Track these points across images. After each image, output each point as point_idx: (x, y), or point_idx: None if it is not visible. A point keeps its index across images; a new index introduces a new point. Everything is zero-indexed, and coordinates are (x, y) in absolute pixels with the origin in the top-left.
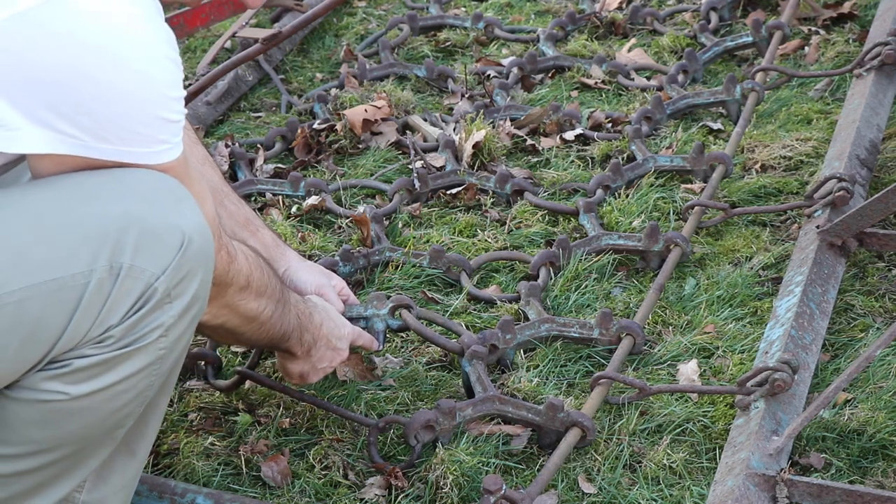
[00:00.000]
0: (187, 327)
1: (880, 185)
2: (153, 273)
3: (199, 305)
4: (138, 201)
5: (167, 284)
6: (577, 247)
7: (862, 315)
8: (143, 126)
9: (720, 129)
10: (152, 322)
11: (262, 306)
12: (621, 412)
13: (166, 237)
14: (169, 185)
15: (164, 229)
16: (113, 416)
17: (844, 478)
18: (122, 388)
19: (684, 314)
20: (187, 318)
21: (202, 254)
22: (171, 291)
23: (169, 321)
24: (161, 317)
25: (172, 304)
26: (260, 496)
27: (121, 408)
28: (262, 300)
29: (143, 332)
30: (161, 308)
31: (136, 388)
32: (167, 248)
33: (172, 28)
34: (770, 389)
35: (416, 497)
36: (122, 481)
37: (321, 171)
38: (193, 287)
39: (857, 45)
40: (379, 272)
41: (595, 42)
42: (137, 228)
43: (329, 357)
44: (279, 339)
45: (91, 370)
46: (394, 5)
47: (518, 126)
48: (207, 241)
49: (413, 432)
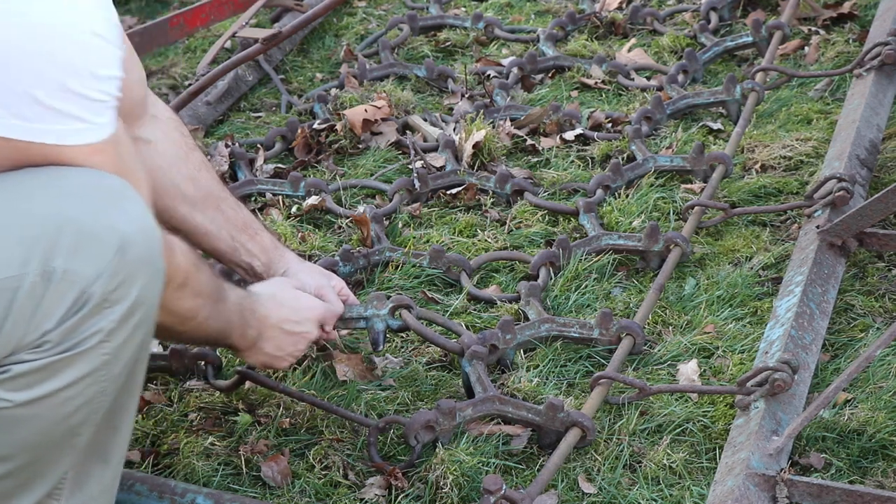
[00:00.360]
0: (132, 332)
1: (880, 185)
2: (88, 277)
3: (144, 310)
4: (75, 203)
5: (103, 289)
6: (577, 247)
7: (862, 315)
8: (57, 102)
9: (720, 129)
10: (91, 327)
11: (199, 305)
12: (621, 412)
13: (103, 240)
14: (111, 186)
15: (101, 232)
16: (64, 422)
17: (844, 478)
18: (68, 395)
19: (684, 314)
20: (130, 322)
21: (144, 256)
22: (108, 296)
23: (109, 326)
24: (100, 322)
25: (112, 308)
26: (260, 496)
27: (71, 414)
28: (200, 299)
29: (82, 336)
30: (100, 313)
31: (84, 395)
32: (103, 252)
33: (172, 28)
34: (770, 389)
35: (416, 497)
36: (98, 489)
37: (321, 171)
38: (134, 291)
39: (857, 45)
40: (379, 272)
41: (595, 42)
42: (72, 231)
43: (290, 343)
44: (217, 336)
45: (31, 376)
46: (394, 5)
47: (518, 126)
48: (150, 243)
49: (413, 432)
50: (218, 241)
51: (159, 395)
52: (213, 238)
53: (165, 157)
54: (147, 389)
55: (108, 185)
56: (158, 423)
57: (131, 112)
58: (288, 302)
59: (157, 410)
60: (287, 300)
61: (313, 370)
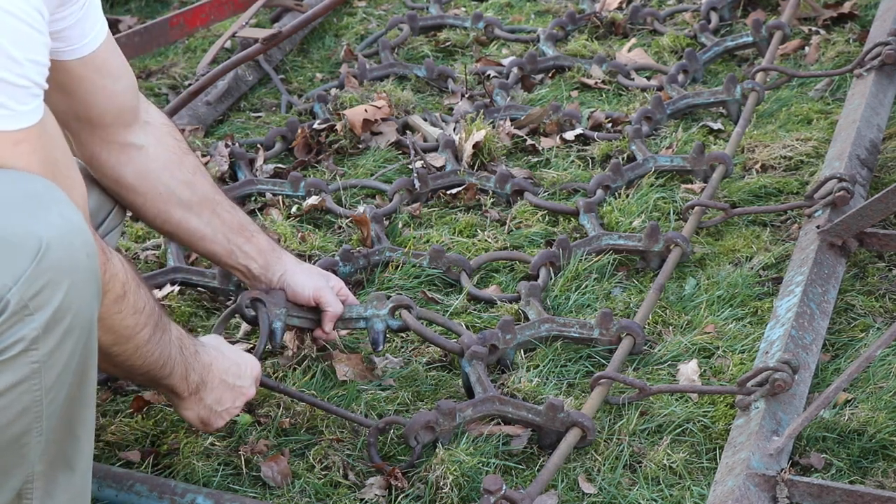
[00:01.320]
0: (62, 339)
1: (880, 185)
2: (4, 283)
3: (72, 317)
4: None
5: (21, 295)
6: (577, 247)
7: (862, 315)
8: None
9: (720, 129)
10: (12, 335)
11: (139, 324)
12: (621, 412)
13: (19, 244)
14: (34, 189)
15: (19, 237)
16: (4, 432)
17: (845, 478)
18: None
19: (684, 314)
20: (58, 330)
21: (66, 262)
22: (28, 303)
23: (32, 333)
24: (21, 329)
25: (33, 316)
26: (260, 496)
27: (8, 424)
28: (140, 317)
29: (2, 345)
30: (21, 321)
31: (19, 404)
32: (20, 256)
33: (172, 28)
34: (770, 389)
35: (416, 497)
36: (67, 496)
37: (321, 171)
38: (57, 298)
39: (857, 45)
40: (379, 272)
41: (595, 42)
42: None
43: (230, 398)
44: (158, 369)
45: None
46: (394, 5)
47: (518, 126)
48: (73, 248)
49: (413, 433)
50: (214, 245)
51: (159, 395)
52: (209, 241)
53: (158, 161)
54: (147, 389)
55: (30, 189)
56: (158, 423)
57: (120, 118)
58: (230, 354)
59: (157, 410)
60: (229, 352)
61: (313, 370)
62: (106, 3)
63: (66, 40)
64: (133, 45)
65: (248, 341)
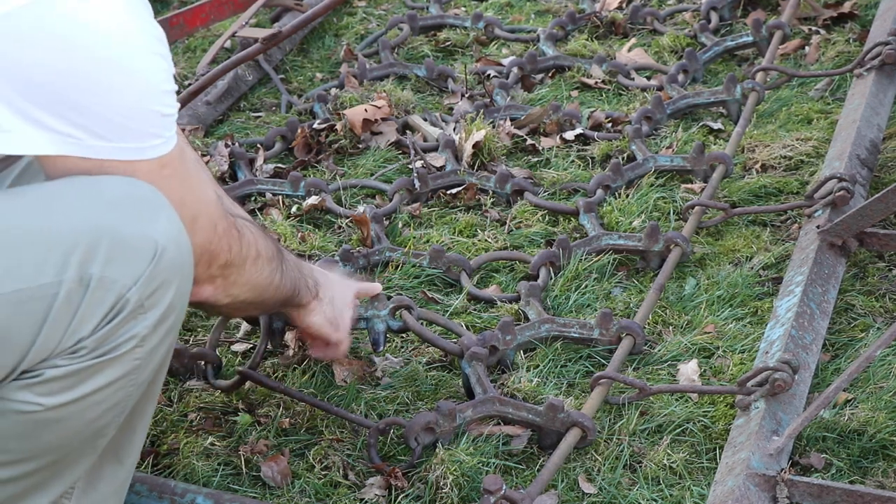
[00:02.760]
0: (164, 337)
1: (881, 185)
2: (124, 284)
3: (174, 316)
4: (109, 211)
5: (139, 295)
6: (577, 247)
7: (862, 315)
8: (136, 122)
9: (720, 129)
10: (126, 333)
11: (273, 270)
12: (621, 412)
13: (138, 247)
14: (144, 194)
15: (136, 239)
16: (90, 426)
17: (845, 478)
18: (97, 399)
19: (684, 314)
20: (163, 328)
21: (177, 263)
22: (144, 302)
23: (143, 332)
24: (135, 327)
25: (146, 314)
26: (260, 496)
27: (98, 418)
28: (273, 264)
29: (117, 342)
30: (135, 319)
31: (112, 399)
32: (139, 259)
33: (172, 28)
34: (770, 389)
35: (416, 497)
36: (110, 489)
37: (321, 171)
38: (168, 297)
39: (857, 45)
40: (379, 272)
41: (595, 42)
42: (108, 238)
43: (341, 293)
44: (291, 293)
45: (64, 381)
46: (394, 5)
47: (518, 126)
48: (183, 250)
49: (413, 434)
50: None
51: (159, 394)
52: None
53: None
54: None
55: (141, 193)
56: (158, 423)
57: None
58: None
59: (157, 410)
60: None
61: (313, 370)
62: None
63: None
64: None
65: (249, 341)
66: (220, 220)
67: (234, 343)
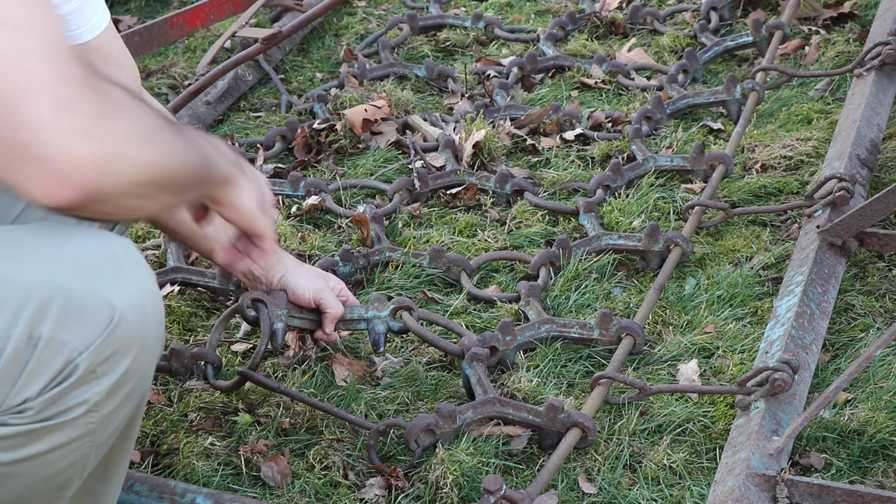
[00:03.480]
0: (122, 403)
1: (880, 185)
2: (74, 347)
3: (133, 382)
4: (69, 269)
5: (91, 361)
6: (577, 247)
7: (862, 315)
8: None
9: (720, 129)
10: (75, 398)
11: (171, 135)
12: (621, 412)
13: (94, 311)
14: (113, 252)
15: (93, 302)
16: (48, 482)
17: (845, 478)
18: (51, 458)
19: (684, 314)
20: (119, 394)
21: (137, 332)
22: (96, 368)
23: (95, 398)
24: (85, 393)
25: (99, 380)
26: (260, 496)
27: (56, 475)
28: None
29: (65, 406)
30: (86, 384)
31: (69, 458)
32: (93, 323)
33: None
34: (770, 389)
35: (416, 497)
36: None
37: (321, 171)
38: (124, 364)
39: (857, 45)
40: (379, 272)
41: (595, 42)
42: (62, 299)
43: (258, 177)
44: (204, 166)
45: (14, 439)
46: (394, 5)
47: (518, 126)
48: (146, 316)
49: (413, 436)
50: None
51: (159, 395)
52: (210, 240)
53: None
54: None
55: (109, 251)
56: (158, 423)
57: None
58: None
59: (157, 410)
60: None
61: (313, 370)
62: (106, 2)
63: (68, 24)
64: (133, 45)
65: (249, 341)
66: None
67: (234, 343)
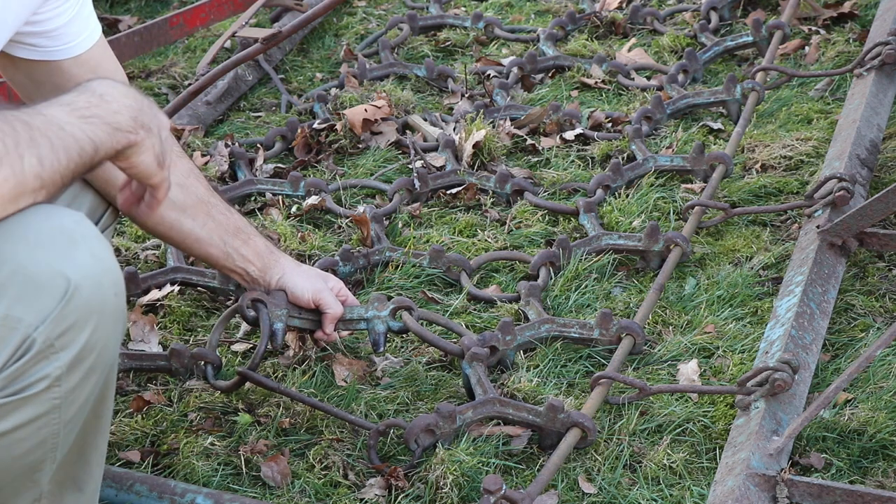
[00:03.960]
0: (85, 376)
1: (880, 185)
2: (30, 323)
3: (95, 355)
4: (22, 246)
5: (47, 335)
6: (577, 247)
7: (862, 315)
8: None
9: (720, 129)
10: (36, 373)
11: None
12: (621, 412)
13: (47, 284)
14: (64, 225)
15: (46, 276)
16: (18, 461)
17: (845, 478)
18: (18, 436)
19: (684, 314)
20: (81, 368)
21: (93, 303)
22: (53, 342)
23: (56, 372)
24: (45, 368)
25: (58, 354)
26: (260, 496)
27: (25, 454)
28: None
29: (27, 382)
30: (46, 359)
31: (36, 437)
32: (48, 296)
33: (172, 28)
34: (770, 389)
35: (416, 497)
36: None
37: (321, 171)
38: (83, 337)
39: (857, 45)
40: (379, 272)
41: (595, 42)
42: (19, 276)
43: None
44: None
45: None
46: (394, 5)
47: (518, 126)
48: (102, 287)
49: (413, 437)
50: (210, 248)
51: (159, 395)
52: (204, 244)
53: None
54: (147, 389)
55: (61, 224)
56: (158, 423)
57: None
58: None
59: (157, 410)
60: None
61: (313, 370)
62: (106, 2)
63: (60, 38)
64: (133, 45)
65: (249, 341)
66: None
67: (234, 343)
